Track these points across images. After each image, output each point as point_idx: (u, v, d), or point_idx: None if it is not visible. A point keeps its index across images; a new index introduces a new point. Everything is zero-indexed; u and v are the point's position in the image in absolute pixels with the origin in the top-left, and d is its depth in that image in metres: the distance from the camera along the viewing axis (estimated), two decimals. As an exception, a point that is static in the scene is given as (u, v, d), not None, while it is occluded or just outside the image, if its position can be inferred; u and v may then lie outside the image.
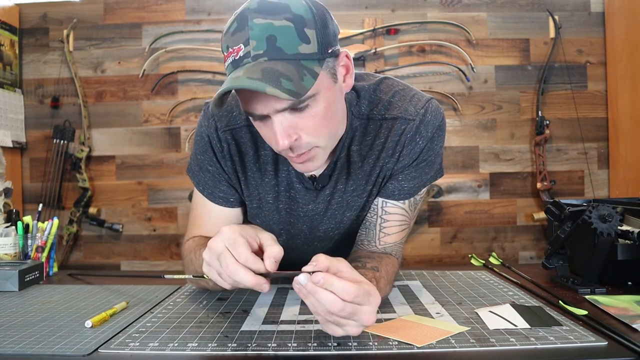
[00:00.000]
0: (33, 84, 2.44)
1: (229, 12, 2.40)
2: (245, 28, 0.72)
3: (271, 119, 0.75)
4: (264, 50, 0.71)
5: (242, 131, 0.93)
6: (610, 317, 0.77)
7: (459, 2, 2.38)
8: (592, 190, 2.36)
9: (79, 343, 0.68)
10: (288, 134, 0.75)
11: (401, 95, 0.91)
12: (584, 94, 2.37)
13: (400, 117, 0.89)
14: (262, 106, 0.74)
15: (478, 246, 2.38)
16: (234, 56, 0.73)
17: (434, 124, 0.90)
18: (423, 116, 0.89)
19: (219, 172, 0.95)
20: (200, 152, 0.96)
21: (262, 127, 0.80)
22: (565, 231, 0.96)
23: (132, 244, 2.42)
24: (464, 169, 2.40)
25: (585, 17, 2.37)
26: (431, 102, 0.91)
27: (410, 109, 0.89)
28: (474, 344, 0.66)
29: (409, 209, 0.95)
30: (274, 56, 0.71)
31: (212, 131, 0.93)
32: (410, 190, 0.93)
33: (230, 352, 0.65)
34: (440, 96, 2.36)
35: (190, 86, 2.41)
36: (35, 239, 1.22)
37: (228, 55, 0.74)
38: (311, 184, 0.93)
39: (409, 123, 0.89)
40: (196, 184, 0.99)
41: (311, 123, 0.77)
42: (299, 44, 0.72)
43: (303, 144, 0.78)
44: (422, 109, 0.89)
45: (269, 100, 0.73)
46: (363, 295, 0.61)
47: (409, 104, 0.90)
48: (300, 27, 0.72)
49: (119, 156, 2.42)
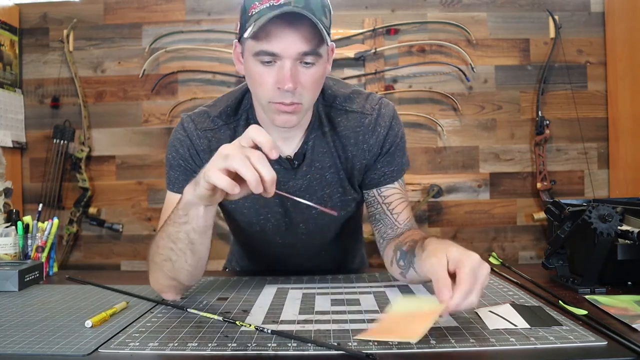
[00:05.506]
0: (33, 84, 2.44)
1: (229, 12, 2.40)
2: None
3: (281, 62, 0.84)
4: (302, 5, 0.81)
5: (221, 130, 1.00)
6: (610, 317, 0.77)
7: (459, 2, 2.38)
8: (592, 190, 2.36)
9: (79, 343, 0.68)
10: (294, 79, 0.85)
11: (358, 93, 1.05)
12: (584, 94, 2.37)
13: (359, 112, 1.02)
14: (283, 47, 0.83)
15: (478, 246, 2.38)
16: (272, 2, 0.81)
17: (388, 115, 1.03)
18: (378, 110, 1.03)
19: (192, 167, 1.00)
20: (173, 150, 1.02)
21: (265, 74, 0.87)
22: (565, 231, 0.96)
23: (132, 244, 2.42)
24: (464, 169, 2.40)
25: (585, 17, 2.37)
26: (382, 100, 1.05)
27: (367, 106, 1.03)
28: (474, 344, 0.66)
29: (401, 187, 1.06)
30: (309, 12, 0.81)
31: (191, 130, 1.00)
32: (393, 174, 1.04)
33: (230, 352, 0.65)
34: (440, 96, 2.36)
35: (190, 86, 2.41)
36: (35, 239, 1.22)
37: (263, 2, 0.82)
38: (288, 163, 1.00)
39: (367, 117, 1.02)
40: (167, 184, 1.04)
41: (309, 80, 0.87)
42: (322, 15, 0.85)
43: (297, 94, 0.87)
44: (377, 105, 1.03)
45: (292, 44, 0.83)
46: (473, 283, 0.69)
47: (366, 102, 1.04)
48: (324, 5, 0.86)
49: (119, 156, 2.42)
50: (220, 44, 2.39)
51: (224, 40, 2.39)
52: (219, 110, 1.01)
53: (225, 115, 1.01)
